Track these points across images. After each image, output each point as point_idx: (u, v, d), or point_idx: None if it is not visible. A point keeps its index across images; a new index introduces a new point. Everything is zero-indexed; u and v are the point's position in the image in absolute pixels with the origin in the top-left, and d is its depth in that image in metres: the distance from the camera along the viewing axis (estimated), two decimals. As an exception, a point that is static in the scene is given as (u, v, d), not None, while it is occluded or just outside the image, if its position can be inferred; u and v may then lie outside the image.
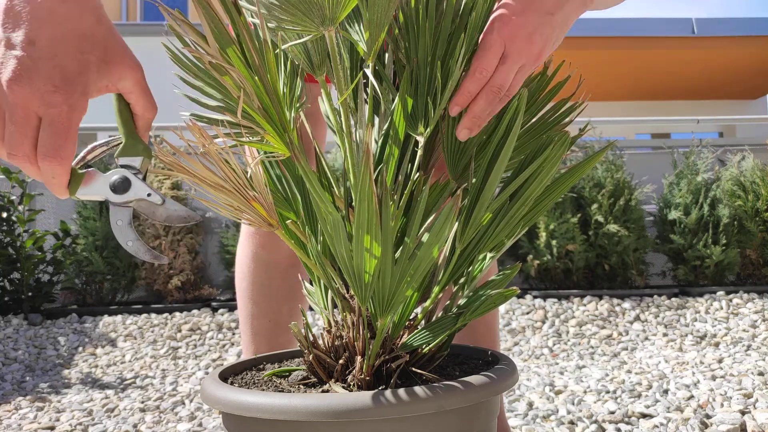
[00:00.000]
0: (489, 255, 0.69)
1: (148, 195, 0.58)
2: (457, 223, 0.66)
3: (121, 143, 0.57)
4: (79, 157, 0.57)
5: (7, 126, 0.50)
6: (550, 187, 0.67)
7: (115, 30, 0.56)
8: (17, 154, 0.51)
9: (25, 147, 0.50)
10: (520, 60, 0.62)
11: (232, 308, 3.20)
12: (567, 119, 0.74)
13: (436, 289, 0.68)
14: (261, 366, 0.75)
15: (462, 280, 0.68)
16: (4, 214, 3.37)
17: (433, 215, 0.70)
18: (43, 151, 0.50)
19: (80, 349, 2.74)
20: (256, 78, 0.58)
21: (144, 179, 0.58)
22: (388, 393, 0.54)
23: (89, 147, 0.57)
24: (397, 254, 0.59)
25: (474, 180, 0.66)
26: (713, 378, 1.96)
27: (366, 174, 0.53)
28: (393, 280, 0.58)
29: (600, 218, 3.42)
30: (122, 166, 0.57)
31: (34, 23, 0.50)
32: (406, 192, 0.65)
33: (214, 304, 3.27)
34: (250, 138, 0.62)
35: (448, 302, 0.69)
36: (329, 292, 0.71)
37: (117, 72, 0.55)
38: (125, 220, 0.58)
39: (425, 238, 0.58)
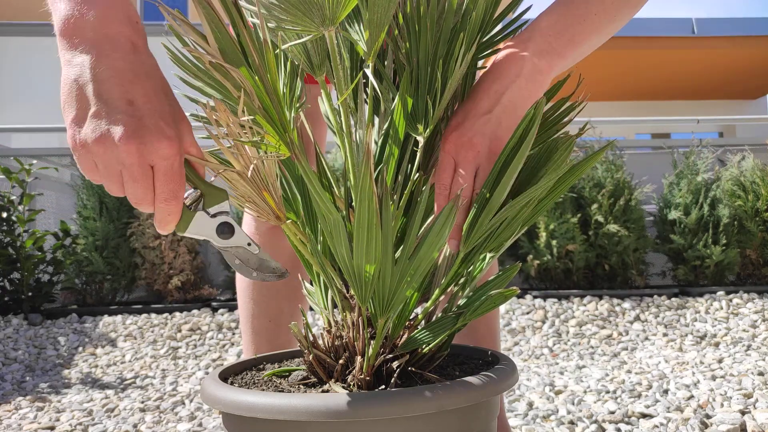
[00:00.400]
0: (489, 255, 0.69)
1: (248, 244, 0.63)
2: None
3: (200, 195, 0.60)
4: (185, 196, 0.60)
5: (127, 182, 0.54)
6: (551, 188, 0.67)
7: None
8: (142, 204, 0.55)
9: (148, 198, 0.55)
10: (470, 165, 0.65)
11: (232, 308, 3.20)
12: (566, 119, 0.74)
13: (437, 291, 0.68)
14: (261, 366, 0.75)
15: (462, 280, 0.68)
16: (4, 214, 3.37)
17: (433, 215, 0.70)
18: (162, 197, 0.55)
19: (80, 349, 2.74)
20: (257, 78, 0.58)
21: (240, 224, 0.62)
22: (388, 393, 0.54)
23: (187, 192, 0.60)
24: (397, 254, 0.59)
25: (483, 188, 0.65)
26: (713, 378, 1.96)
27: (366, 174, 0.53)
28: (393, 280, 0.58)
29: (600, 218, 3.42)
30: (216, 215, 0.60)
31: (126, 83, 0.53)
32: (406, 192, 0.65)
33: (214, 304, 3.27)
34: (251, 138, 0.62)
35: (447, 303, 0.69)
36: (329, 292, 0.71)
37: (186, 130, 0.58)
38: (241, 258, 0.63)
39: (426, 238, 0.58)
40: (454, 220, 0.57)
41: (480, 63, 0.76)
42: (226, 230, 0.60)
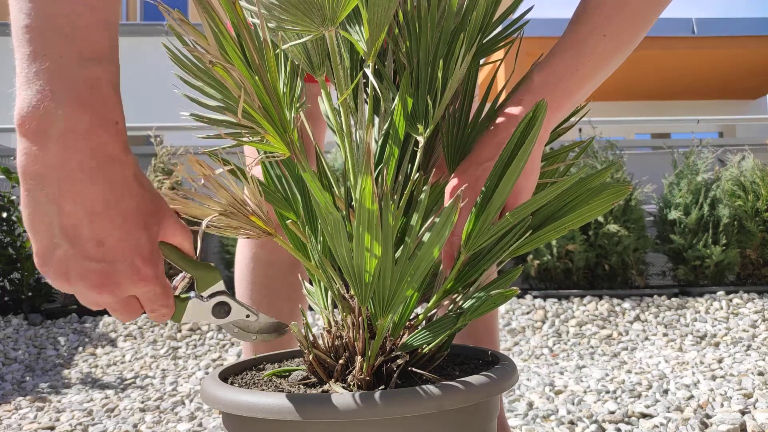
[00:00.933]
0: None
1: (247, 316, 0.63)
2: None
3: (190, 279, 0.59)
4: (174, 285, 0.59)
5: (114, 311, 0.52)
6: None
7: (149, 181, 0.54)
8: (133, 319, 0.53)
9: (137, 316, 0.53)
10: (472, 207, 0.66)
11: (232, 308, 3.20)
12: (569, 122, 0.74)
13: (439, 293, 0.68)
14: (261, 366, 0.75)
15: (463, 286, 0.69)
16: (4, 214, 3.37)
17: (433, 215, 0.70)
18: (151, 311, 0.53)
19: (80, 349, 2.74)
20: (257, 78, 0.58)
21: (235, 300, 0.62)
22: (388, 393, 0.54)
23: (177, 279, 0.59)
24: (398, 254, 0.59)
25: (484, 187, 0.65)
26: (713, 378, 1.96)
27: (366, 174, 0.53)
28: (393, 280, 0.58)
29: (600, 218, 3.42)
30: (211, 296, 0.59)
31: (95, 218, 0.46)
32: (406, 192, 0.65)
33: (214, 304, 3.27)
34: (250, 138, 0.62)
35: (448, 303, 0.69)
36: (329, 292, 0.71)
37: (169, 225, 0.54)
38: (240, 326, 0.63)
39: (426, 237, 0.58)
40: (454, 220, 0.57)
41: (481, 61, 0.76)
42: (223, 310, 0.59)
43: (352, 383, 0.61)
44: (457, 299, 0.68)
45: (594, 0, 0.69)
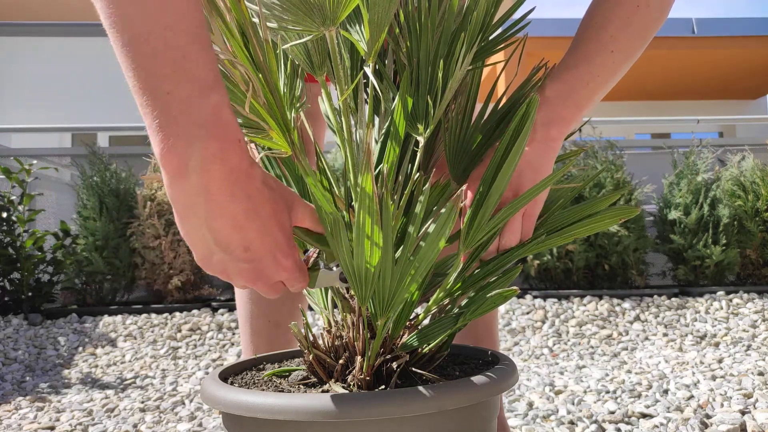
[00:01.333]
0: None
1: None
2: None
3: (318, 252, 0.66)
4: (305, 259, 0.66)
5: (265, 293, 0.60)
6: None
7: (275, 178, 0.59)
8: (278, 295, 0.61)
9: (281, 293, 0.61)
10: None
11: (232, 308, 3.20)
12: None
13: (440, 294, 0.68)
14: (261, 366, 0.75)
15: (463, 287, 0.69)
16: (4, 214, 3.37)
17: (433, 216, 0.70)
18: (291, 287, 0.60)
19: (80, 349, 2.74)
20: (260, 75, 0.58)
21: None
22: (388, 393, 0.54)
23: (309, 253, 0.66)
24: (398, 254, 0.59)
25: (480, 187, 0.66)
26: (713, 378, 1.96)
27: (366, 174, 0.53)
28: (393, 280, 0.58)
29: (600, 218, 3.42)
30: (336, 266, 0.66)
31: (239, 229, 0.53)
32: (406, 192, 0.65)
33: (214, 304, 3.27)
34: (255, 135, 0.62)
35: (448, 303, 0.69)
36: (329, 292, 0.71)
37: (299, 212, 0.60)
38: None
39: (426, 238, 0.58)
40: (454, 220, 0.57)
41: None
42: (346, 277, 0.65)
43: (352, 383, 0.61)
44: (456, 296, 0.68)
45: (599, 18, 0.73)
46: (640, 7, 0.72)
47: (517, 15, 0.76)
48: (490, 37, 0.72)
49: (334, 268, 0.65)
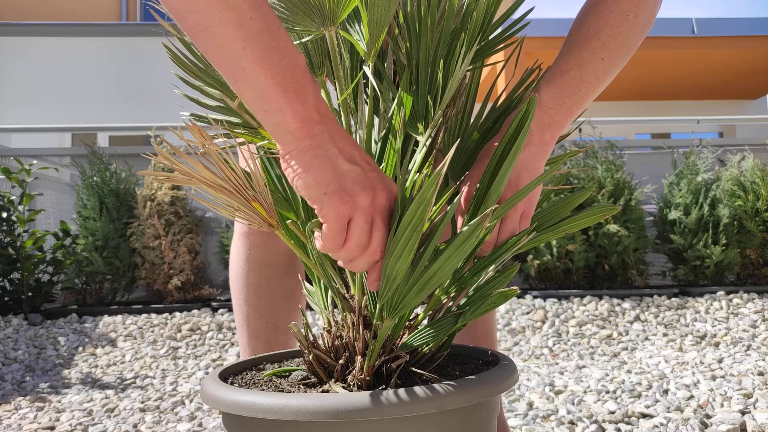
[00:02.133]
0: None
1: None
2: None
3: None
4: None
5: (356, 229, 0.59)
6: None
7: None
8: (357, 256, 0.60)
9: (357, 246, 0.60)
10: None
11: (232, 308, 3.20)
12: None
13: (440, 295, 0.68)
14: (261, 366, 0.75)
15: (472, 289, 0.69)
16: (4, 214, 3.37)
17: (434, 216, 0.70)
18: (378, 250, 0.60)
19: (80, 349, 2.74)
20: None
21: None
22: (388, 393, 0.54)
23: None
24: (404, 255, 0.59)
25: (479, 185, 0.66)
26: (713, 378, 1.96)
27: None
28: (411, 285, 0.58)
29: (600, 218, 3.42)
30: None
31: (355, 147, 0.59)
32: (406, 192, 0.65)
33: (214, 304, 3.27)
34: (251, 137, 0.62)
35: (448, 302, 0.69)
36: (329, 292, 0.71)
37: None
38: None
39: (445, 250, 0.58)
40: (477, 237, 0.58)
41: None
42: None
43: (352, 383, 0.61)
44: (453, 295, 0.68)
45: (590, 26, 0.76)
46: (629, 17, 0.76)
47: (517, 15, 0.76)
48: (490, 37, 0.72)
49: None
